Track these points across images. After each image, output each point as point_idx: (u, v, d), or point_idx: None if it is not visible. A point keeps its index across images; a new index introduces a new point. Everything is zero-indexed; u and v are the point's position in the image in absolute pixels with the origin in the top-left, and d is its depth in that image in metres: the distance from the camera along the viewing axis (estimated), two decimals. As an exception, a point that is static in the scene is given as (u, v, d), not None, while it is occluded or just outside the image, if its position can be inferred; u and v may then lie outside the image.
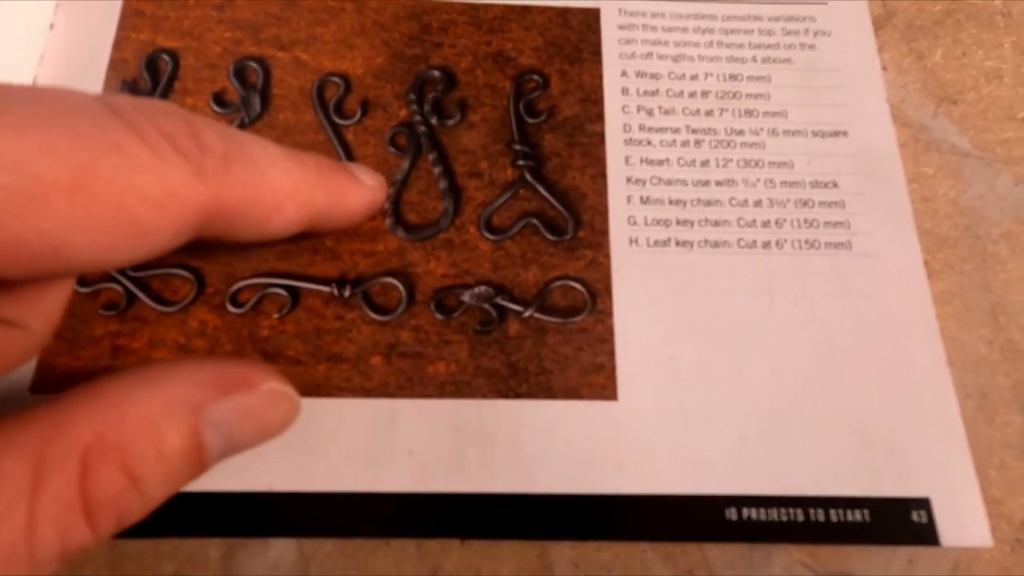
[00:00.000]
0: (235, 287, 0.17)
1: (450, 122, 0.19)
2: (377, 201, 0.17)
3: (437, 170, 0.19)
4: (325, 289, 0.17)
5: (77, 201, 0.10)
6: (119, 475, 0.11)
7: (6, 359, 0.13)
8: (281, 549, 0.16)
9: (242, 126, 0.19)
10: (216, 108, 0.19)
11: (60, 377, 0.16)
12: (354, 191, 0.16)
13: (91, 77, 0.19)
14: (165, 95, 0.19)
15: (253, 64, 0.19)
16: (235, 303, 0.17)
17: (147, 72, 0.19)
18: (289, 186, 0.14)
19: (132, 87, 0.19)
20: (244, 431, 0.13)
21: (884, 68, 0.22)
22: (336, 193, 0.15)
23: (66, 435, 0.11)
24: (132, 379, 0.12)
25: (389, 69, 0.20)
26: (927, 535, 0.15)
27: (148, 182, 0.11)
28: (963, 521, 0.16)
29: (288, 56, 0.20)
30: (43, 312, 0.13)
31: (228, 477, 0.15)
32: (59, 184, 0.10)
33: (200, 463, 0.12)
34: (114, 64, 0.19)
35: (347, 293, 0.17)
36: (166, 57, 0.19)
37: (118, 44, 0.19)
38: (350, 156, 0.19)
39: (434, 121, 0.19)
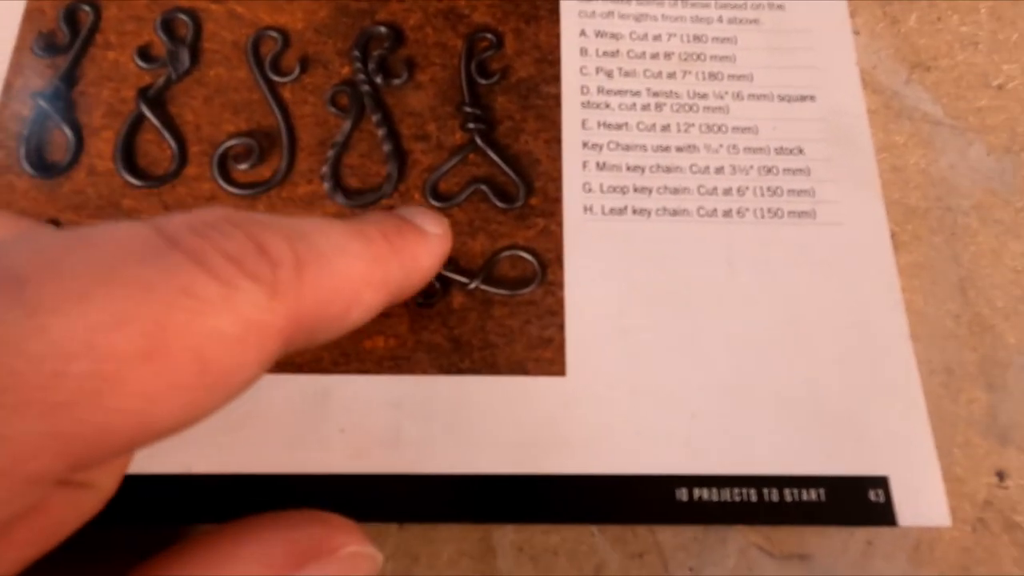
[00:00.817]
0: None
1: (396, 82, 0.18)
2: (446, 251, 0.15)
3: (381, 132, 0.17)
4: (256, 257, 0.16)
5: (155, 369, 0.09)
6: None
7: (77, 520, 0.11)
8: (206, 533, 0.15)
9: (168, 82, 0.17)
10: (140, 63, 0.17)
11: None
12: (424, 250, 0.14)
13: (3, 29, 0.17)
14: (85, 48, 0.17)
15: (183, 16, 0.18)
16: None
17: (65, 23, 0.17)
18: (362, 271, 0.12)
19: (49, 39, 0.17)
20: None
21: (856, 32, 0.21)
22: (408, 261, 0.14)
23: None
24: (197, 556, 0.11)
25: (332, 24, 0.18)
26: (884, 515, 0.15)
27: (224, 322, 0.10)
28: (922, 501, 0.15)
29: (222, 8, 0.18)
30: (115, 470, 0.12)
31: (141, 458, 0.14)
32: (134, 356, 0.09)
33: None
34: (30, 14, 0.17)
35: (279, 262, 0.16)
36: (87, 8, 0.18)
37: (33, -8, 0.18)
38: (287, 116, 0.17)
39: (379, 80, 0.18)
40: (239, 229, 0.11)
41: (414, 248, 0.14)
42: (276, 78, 0.18)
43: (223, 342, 0.10)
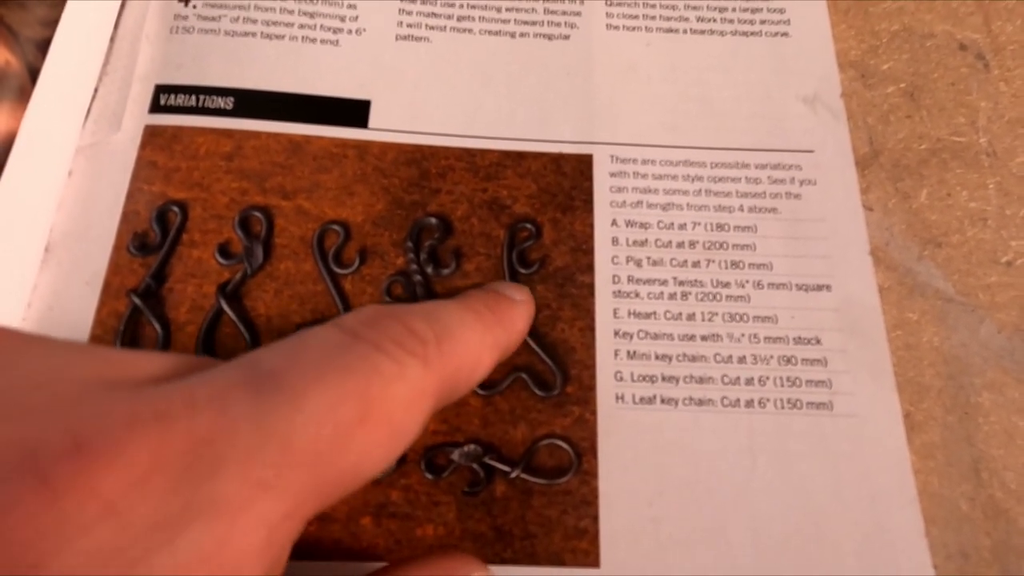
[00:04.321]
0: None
1: (445, 271, 0.20)
2: (532, 314, 0.19)
3: (431, 321, 0.19)
4: (319, 447, 0.18)
5: (366, 430, 0.12)
6: None
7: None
8: None
9: (245, 277, 0.19)
10: (220, 260, 0.20)
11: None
12: (517, 314, 0.18)
13: (104, 227, 0.20)
14: (173, 247, 0.20)
15: (257, 214, 0.20)
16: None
17: (157, 224, 0.20)
18: (480, 338, 0.16)
19: (143, 239, 0.19)
20: None
21: (869, 209, 0.23)
22: (508, 325, 0.17)
23: None
24: None
25: (388, 216, 0.21)
26: None
27: (401, 390, 0.13)
28: None
29: (291, 204, 0.20)
30: None
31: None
32: (355, 421, 0.12)
33: None
34: (127, 216, 0.20)
35: (340, 451, 0.18)
36: (175, 209, 0.20)
37: (131, 195, 0.20)
38: (347, 306, 0.19)
39: (430, 270, 0.20)
40: (395, 319, 0.14)
41: (511, 314, 0.18)
42: (338, 270, 0.20)
43: (402, 406, 0.13)
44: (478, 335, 0.16)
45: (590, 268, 0.20)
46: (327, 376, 0.12)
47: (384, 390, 0.13)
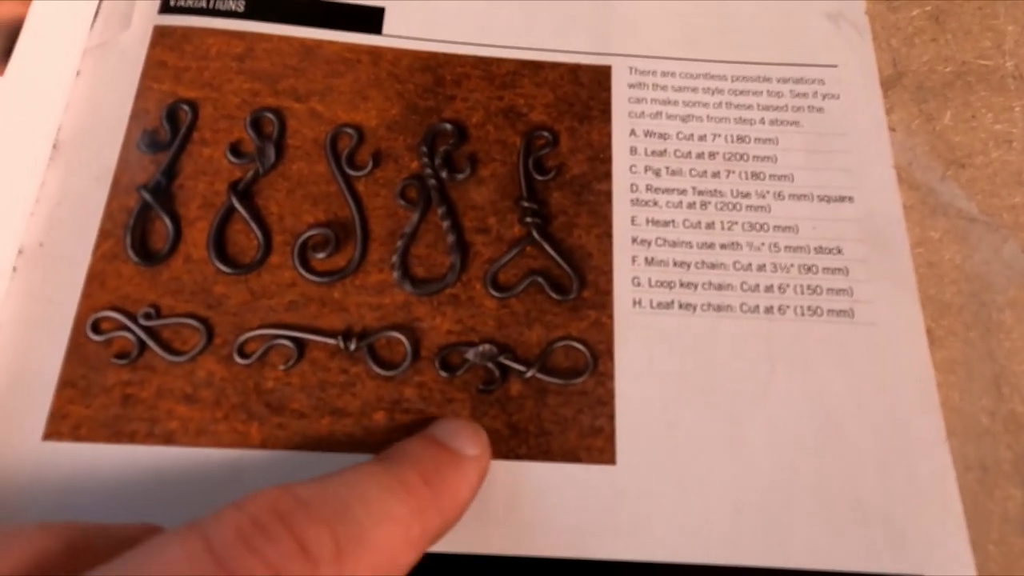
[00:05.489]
0: (242, 338, 0.17)
1: (460, 176, 0.20)
2: (483, 473, 0.15)
3: (446, 224, 0.19)
4: (331, 342, 0.17)
5: None
6: None
7: None
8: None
9: (256, 176, 0.19)
10: (232, 158, 0.19)
11: (72, 425, 0.16)
12: (463, 481, 0.15)
13: (114, 125, 0.19)
14: (184, 144, 0.19)
15: (269, 115, 0.20)
16: (242, 354, 0.17)
17: (167, 122, 0.19)
18: (402, 534, 0.13)
19: (153, 136, 0.19)
20: None
21: (892, 129, 0.22)
22: (447, 502, 0.14)
23: None
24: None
25: (402, 121, 0.20)
26: (921, 615, 0.15)
27: None
28: (957, 602, 0.15)
29: (304, 107, 0.20)
30: None
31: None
32: None
33: None
34: (136, 113, 0.19)
35: (352, 346, 0.17)
36: (186, 107, 0.19)
37: (140, 93, 0.19)
38: (360, 208, 0.19)
39: (444, 175, 0.20)
40: (284, 528, 0.12)
41: (453, 485, 0.14)
42: (351, 172, 0.19)
43: None
44: (401, 530, 0.13)
45: (607, 176, 0.20)
46: None
47: None
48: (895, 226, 0.20)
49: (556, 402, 0.17)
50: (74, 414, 0.16)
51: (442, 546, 0.16)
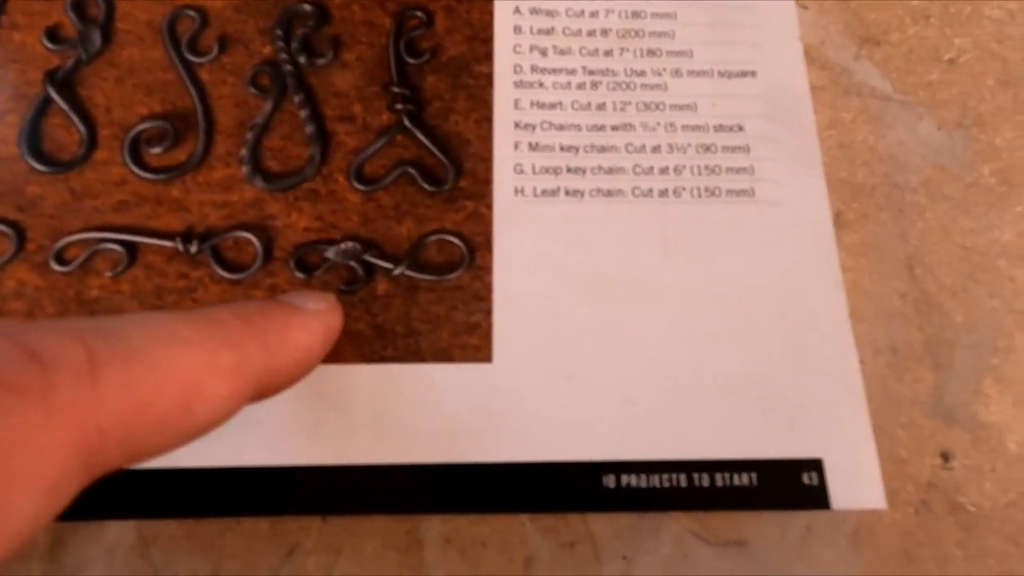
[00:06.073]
0: (60, 243, 0.15)
1: (320, 61, 0.17)
2: (333, 327, 0.14)
3: (303, 113, 0.17)
4: (168, 244, 0.15)
5: None
6: None
7: None
8: (118, 533, 0.15)
9: (78, 63, 0.17)
10: (49, 44, 0.17)
11: None
12: (298, 327, 0.13)
13: (-97, 9, 0.16)
14: (-11, 30, 0.17)
15: (94, -5, 0.17)
16: (60, 261, 0.15)
17: (-32, 4, 0.17)
18: (201, 359, 0.11)
19: (-50, 20, 0.16)
20: None
21: (805, 7, 0.20)
22: (275, 341, 0.12)
23: None
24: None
25: (253, 2, 0.18)
26: (818, 498, 0.14)
27: None
28: (857, 484, 0.14)
29: (136, -13, 0.17)
30: None
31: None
32: None
33: None
34: (-71, -6, 0.17)
35: (193, 248, 0.15)
36: (-9, -13, 0.17)
37: (-65, -28, 0.17)
38: (204, 97, 0.17)
39: (302, 60, 0.17)
40: (5, 338, 0.09)
41: (282, 327, 0.12)
42: (193, 58, 0.17)
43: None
44: (199, 354, 0.11)
45: (488, 57, 0.18)
46: None
47: None
48: (801, 102, 0.18)
49: (427, 300, 0.16)
50: None
51: (306, 459, 0.14)
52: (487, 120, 0.17)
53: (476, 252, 0.16)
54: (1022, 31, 0.21)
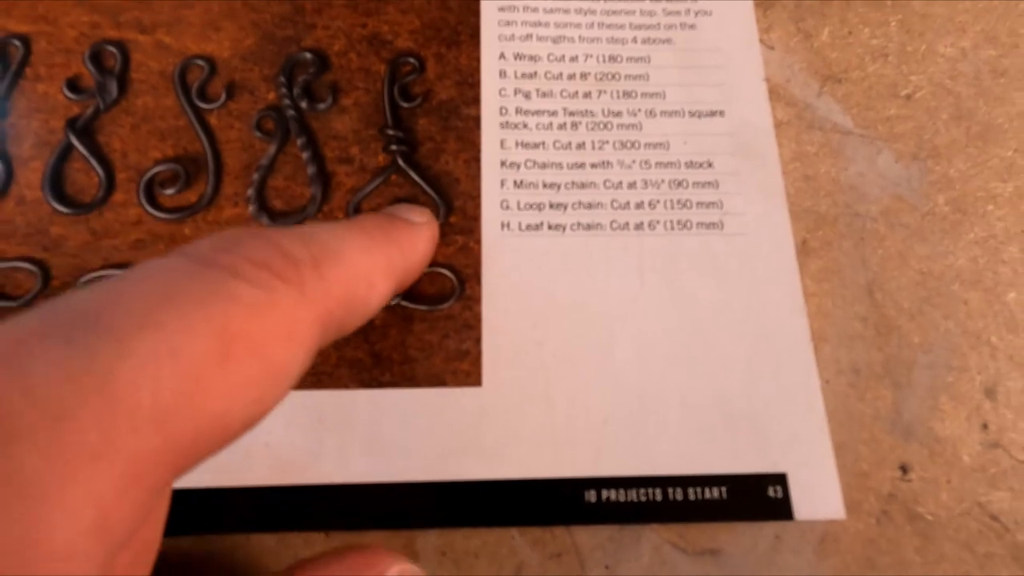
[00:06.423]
0: (83, 280, 0.16)
1: (321, 106, 0.19)
2: (435, 236, 0.17)
3: (305, 155, 0.18)
4: (181, 280, 0.17)
5: (230, 370, 0.10)
6: None
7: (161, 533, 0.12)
8: (134, 549, 0.16)
9: (96, 112, 0.18)
10: (69, 94, 0.18)
11: None
12: (417, 236, 0.16)
13: (-66, 63, 0.18)
14: (15, 81, 0.18)
15: (111, 48, 0.18)
16: (82, 297, 0.16)
17: (-5, 58, 0.18)
18: (372, 261, 0.14)
19: (-22, 73, 0.18)
20: None
21: (771, 48, 0.22)
22: (406, 246, 0.15)
23: None
24: None
25: (258, 51, 0.19)
26: (782, 510, 0.15)
27: (272, 322, 0.11)
28: (818, 496, 0.16)
29: (149, 39, 0.19)
30: None
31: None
32: (211, 359, 0.10)
33: None
34: (-42, 50, 0.18)
35: (204, 284, 0.17)
36: (16, 42, 0.18)
37: (-37, 28, 0.18)
38: (213, 141, 0.18)
39: (304, 105, 0.19)
40: (260, 240, 0.12)
41: (409, 236, 0.15)
42: (202, 105, 0.18)
43: (276, 340, 0.11)
44: (369, 257, 0.13)
45: (476, 101, 0.19)
46: (165, 311, 0.10)
47: (248, 322, 0.10)
48: (766, 137, 0.20)
49: (421, 329, 0.17)
50: None
51: (309, 478, 0.15)
52: (475, 160, 0.19)
53: (466, 283, 0.17)
54: (974, 68, 0.23)
